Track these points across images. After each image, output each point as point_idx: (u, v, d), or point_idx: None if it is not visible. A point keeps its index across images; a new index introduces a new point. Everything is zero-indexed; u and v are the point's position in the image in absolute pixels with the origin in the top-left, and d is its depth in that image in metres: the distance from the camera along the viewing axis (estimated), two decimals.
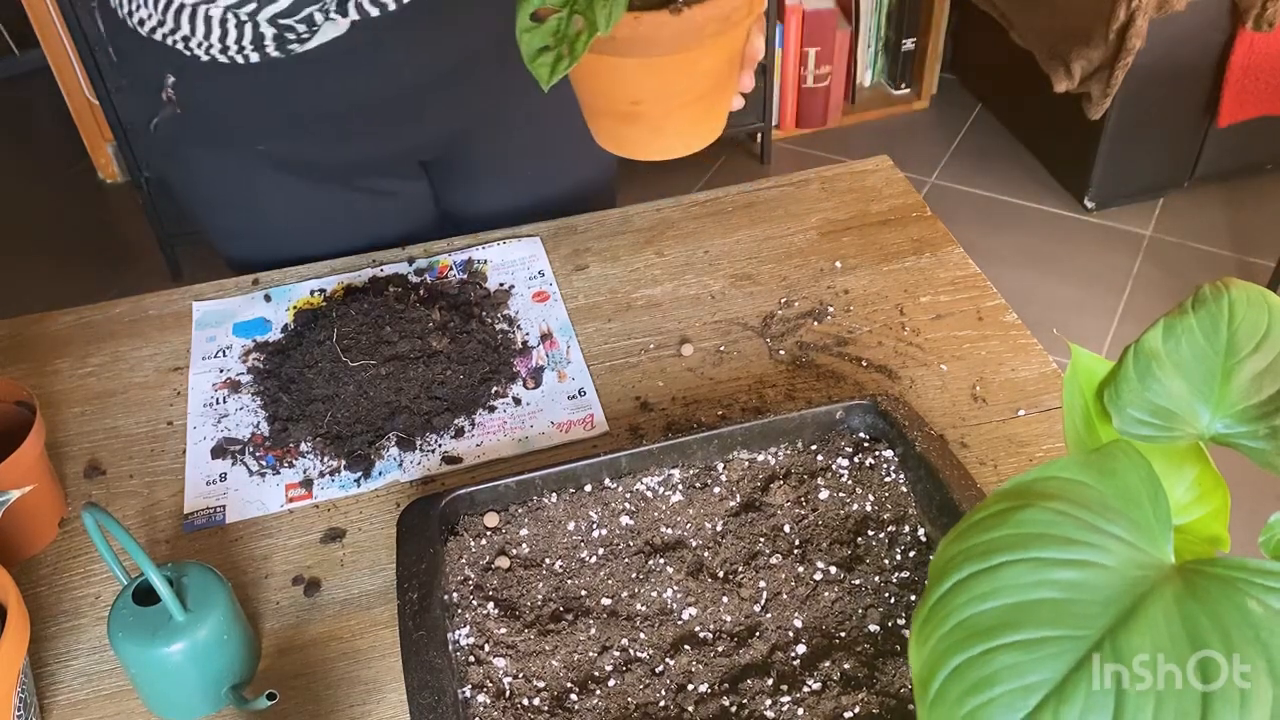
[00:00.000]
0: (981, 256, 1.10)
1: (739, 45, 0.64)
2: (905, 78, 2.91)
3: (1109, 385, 0.50)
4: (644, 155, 0.67)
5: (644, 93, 0.62)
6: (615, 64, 0.59)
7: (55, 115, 2.73)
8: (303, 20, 0.86)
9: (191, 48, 0.90)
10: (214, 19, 0.87)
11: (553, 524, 0.77)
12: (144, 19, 0.90)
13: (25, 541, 0.81)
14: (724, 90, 0.66)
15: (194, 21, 0.88)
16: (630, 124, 0.63)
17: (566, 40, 0.53)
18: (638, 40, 0.57)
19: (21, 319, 1.03)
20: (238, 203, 1.07)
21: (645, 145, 0.65)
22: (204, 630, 0.68)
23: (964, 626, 0.40)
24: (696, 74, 0.62)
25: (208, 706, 0.71)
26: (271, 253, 1.08)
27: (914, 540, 0.75)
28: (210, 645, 0.69)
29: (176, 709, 0.71)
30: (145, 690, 0.71)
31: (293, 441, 0.87)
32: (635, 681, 0.67)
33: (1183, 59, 2.27)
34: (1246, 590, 0.39)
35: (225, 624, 0.70)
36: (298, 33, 0.88)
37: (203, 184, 1.07)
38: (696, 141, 0.66)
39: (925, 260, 1.04)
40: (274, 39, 0.88)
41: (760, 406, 0.90)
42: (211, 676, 0.70)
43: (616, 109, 0.63)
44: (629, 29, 0.56)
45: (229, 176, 1.04)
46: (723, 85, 0.65)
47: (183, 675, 0.69)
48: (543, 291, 1.02)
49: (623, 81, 0.61)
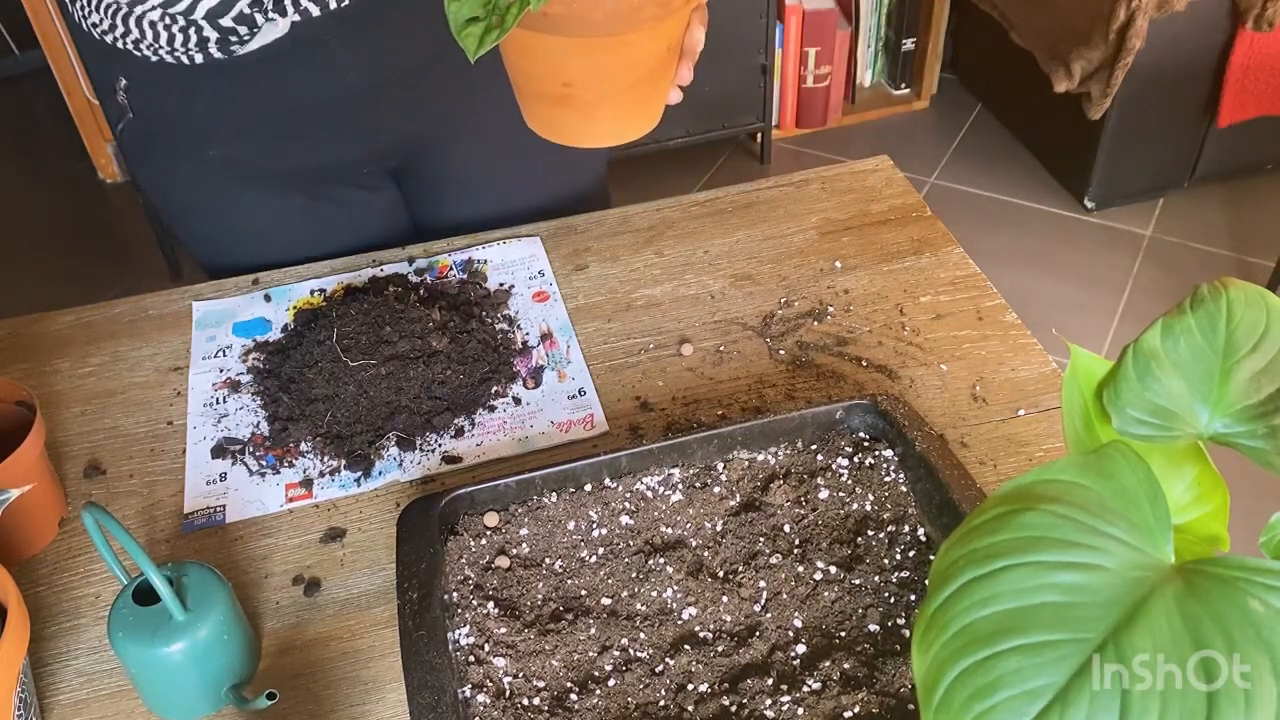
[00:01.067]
0: (981, 256, 1.10)
1: (678, 33, 0.62)
2: (905, 78, 2.91)
3: (1108, 385, 0.50)
4: (575, 141, 0.64)
5: (576, 75, 0.59)
6: (547, 42, 0.57)
7: (55, 115, 2.73)
8: (242, 20, 0.87)
9: (142, 49, 0.91)
10: (156, 22, 0.88)
11: (553, 524, 0.77)
12: (95, 23, 0.92)
13: (25, 541, 0.81)
14: (660, 79, 0.64)
15: (140, 25, 0.89)
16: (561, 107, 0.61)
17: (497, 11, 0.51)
18: (571, 18, 0.55)
19: (21, 319, 1.03)
20: (203, 209, 1.07)
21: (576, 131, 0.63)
22: (204, 630, 0.68)
23: (966, 632, 0.40)
24: (632, 59, 0.59)
25: (208, 706, 0.71)
26: (243, 259, 1.07)
27: (914, 540, 0.75)
28: (210, 645, 0.69)
29: (176, 709, 0.71)
30: (145, 690, 0.71)
31: (293, 441, 0.87)
32: (635, 681, 0.67)
33: (1183, 59, 2.27)
34: (1247, 590, 0.39)
35: (225, 624, 0.70)
36: (239, 34, 0.88)
37: (168, 190, 1.07)
38: (630, 130, 0.64)
39: (925, 260, 1.04)
40: (217, 41, 0.89)
41: (760, 406, 0.90)
42: (211, 676, 0.70)
43: (547, 90, 0.61)
44: (562, 6, 0.54)
45: (192, 183, 1.04)
46: (659, 74, 0.63)
47: (183, 675, 0.69)
48: (543, 291, 1.02)
49: (554, 61, 0.59)
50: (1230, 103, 2.31)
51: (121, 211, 2.69)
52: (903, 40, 2.82)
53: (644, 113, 0.64)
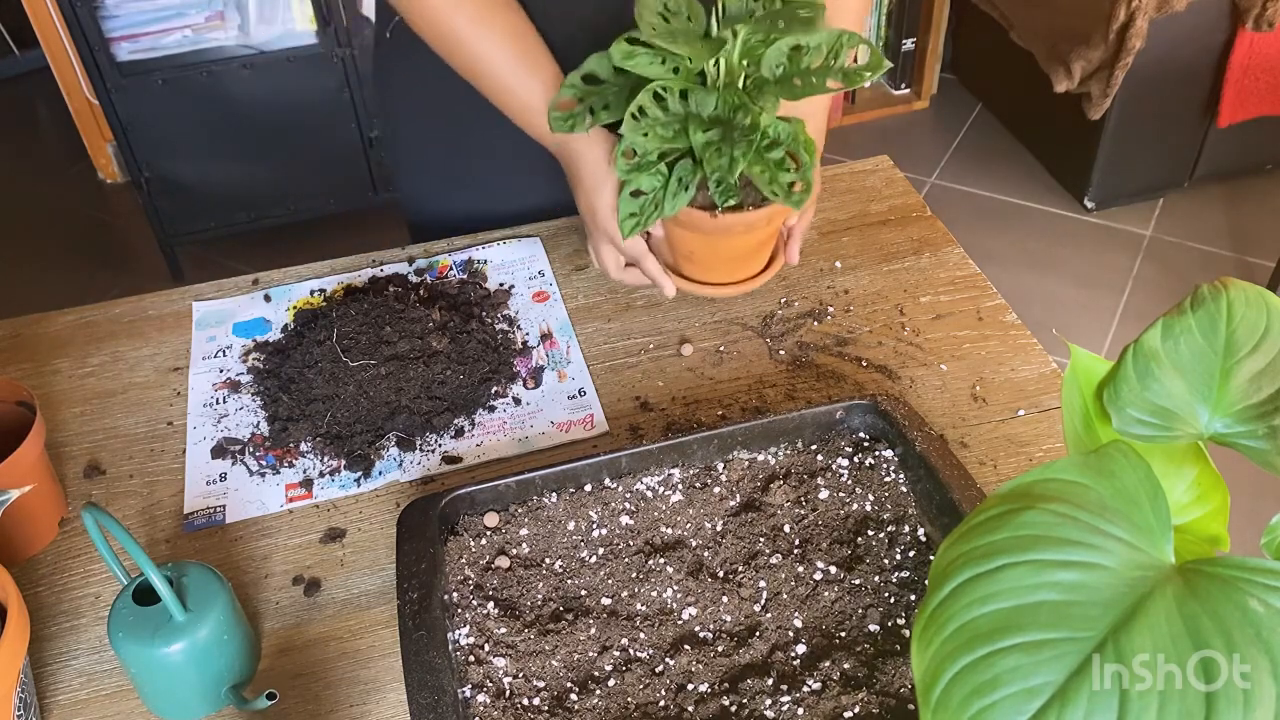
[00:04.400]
0: (981, 256, 1.10)
1: (769, 231, 0.93)
2: (905, 78, 2.91)
3: (1108, 385, 0.50)
4: (698, 290, 0.96)
5: (694, 249, 0.93)
6: (679, 230, 0.91)
7: (55, 115, 2.73)
8: None
9: None
10: None
11: (553, 524, 0.77)
12: None
13: (25, 541, 0.81)
14: (756, 256, 0.96)
15: None
16: (688, 264, 0.95)
17: (646, 214, 0.87)
18: (690, 223, 0.89)
19: (21, 319, 1.03)
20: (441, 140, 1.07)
21: (696, 279, 0.96)
22: (204, 630, 0.68)
23: (966, 630, 0.40)
24: (731, 246, 0.93)
25: (207, 706, 0.71)
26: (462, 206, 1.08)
27: (914, 540, 0.75)
28: (210, 645, 0.69)
29: (176, 709, 0.71)
30: (145, 690, 0.71)
31: (293, 441, 0.87)
32: (635, 681, 0.67)
33: (1183, 59, 2.27)
34: (1247, 590, 0.39)
35: (225, 624, 0.70)
36: None
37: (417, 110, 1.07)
38: (734, 288, 0.96)
39: (925, 260, 1.04)
40: None
41: (760, 406, 0.90)
42: (212, 676, 0.70)
43: (680, 253, 0.95)
44: (685, 215, 0.87)
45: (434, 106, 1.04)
46: (755, 253, 0.95)
47: (183, 675, 0.69)
48: (543, 291, 1.02)
49: (682, 240, 0.93)
50: (1230, 103, 2.31)
51: (121, 211, 2.69)
52: (903, 40, 2.82)
53: (744, 274, 0.96)
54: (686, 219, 0.89)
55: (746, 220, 0.89)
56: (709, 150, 0.82)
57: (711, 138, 0.83)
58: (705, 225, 0.89)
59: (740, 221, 0.89)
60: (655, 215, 0.87)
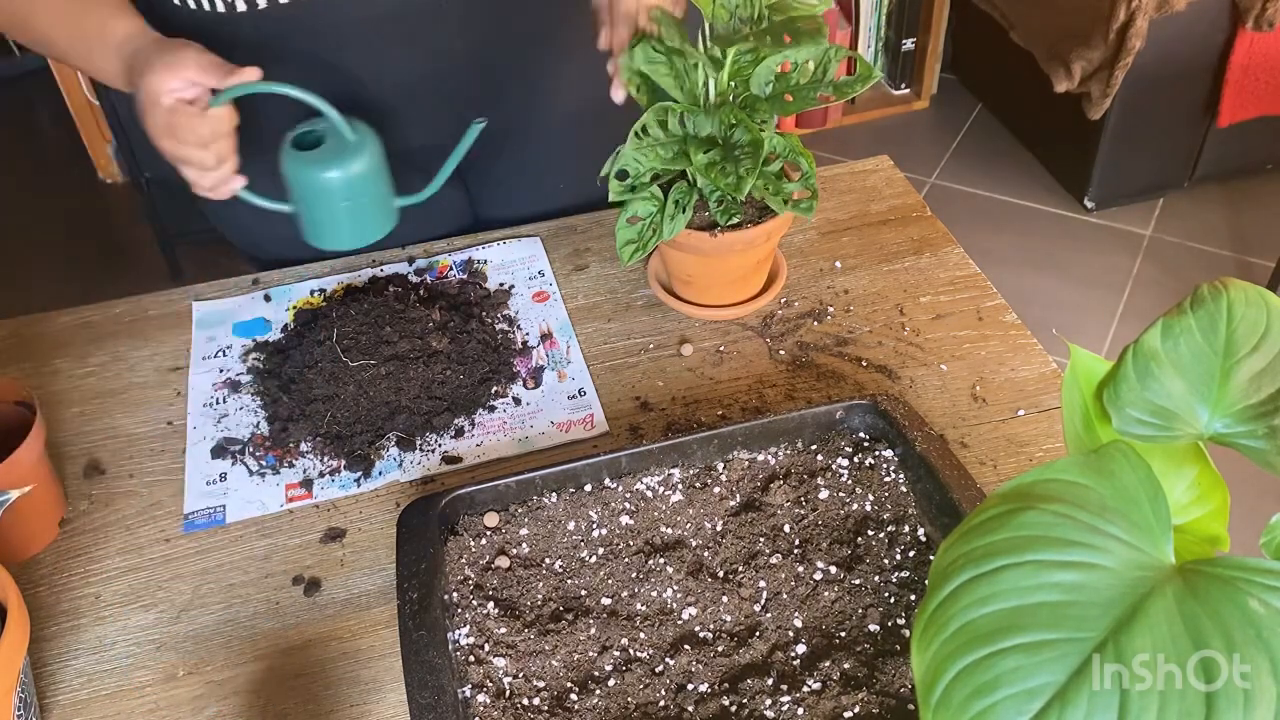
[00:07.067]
0: (981, 256, 1.10)
1: (762, 254, 0.96)
2: (905, 78, 2.91)
3: (1108, 385, 0.50)
4: (699, 314, 0.98)
5: (693, 272, 0.96)
6: (676, 253, 0.95)
7: (55, 115, 2.73)
8: None
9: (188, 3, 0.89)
10: None
11: (553, 524, 0.77)
12: None
13: (25, 541, 0.81)
14: (753, 276, 0.98)
15: None
16: (687, 286, 0.98)
17: (645, 239, 0.89)
18: (688, 245, 0.92)
19: (21, 319, 1.03)
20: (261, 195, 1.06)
21: (695, 300, 0.99)
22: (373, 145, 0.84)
23: (966, 631, 0.40)
24: (728, 268, 0.95)
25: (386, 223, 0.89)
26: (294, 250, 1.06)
27: (914, 540, 0.75)
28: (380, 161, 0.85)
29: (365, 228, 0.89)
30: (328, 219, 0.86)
31: (293, 441, 0.87)
32: (635, 681, 0.67)
33: (1183, 59, 2.27)
34: (1247, 590, 0.39)
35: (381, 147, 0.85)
36: None
37: None
38: (734, 308, 0.98)
39: (925, 260, 1.04)
40: None
41: (760, 406, 0.90)
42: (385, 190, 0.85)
43: (679, 276, 0.98)
44: (683, 238, 0.90)
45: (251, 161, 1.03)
46: (751, 274, 0.98)
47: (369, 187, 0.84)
48: (543, 291, 1.02)
49: (682, 263, 0.96)
50: (1230, 103, 2.31)
51: (121, 211, 2.68)
52: (903, 40, 2.82)
53: (743, 293, 0.98)
54: (686, 241, 0.90)
55: (746, 238, 0.91)
56: (713, 170, 0.83)
57: (713, 158, 0.84)
58: (705, 246, 0.91)
59: (740, 239, 0.91)
60: (655, 240, 0.88)
